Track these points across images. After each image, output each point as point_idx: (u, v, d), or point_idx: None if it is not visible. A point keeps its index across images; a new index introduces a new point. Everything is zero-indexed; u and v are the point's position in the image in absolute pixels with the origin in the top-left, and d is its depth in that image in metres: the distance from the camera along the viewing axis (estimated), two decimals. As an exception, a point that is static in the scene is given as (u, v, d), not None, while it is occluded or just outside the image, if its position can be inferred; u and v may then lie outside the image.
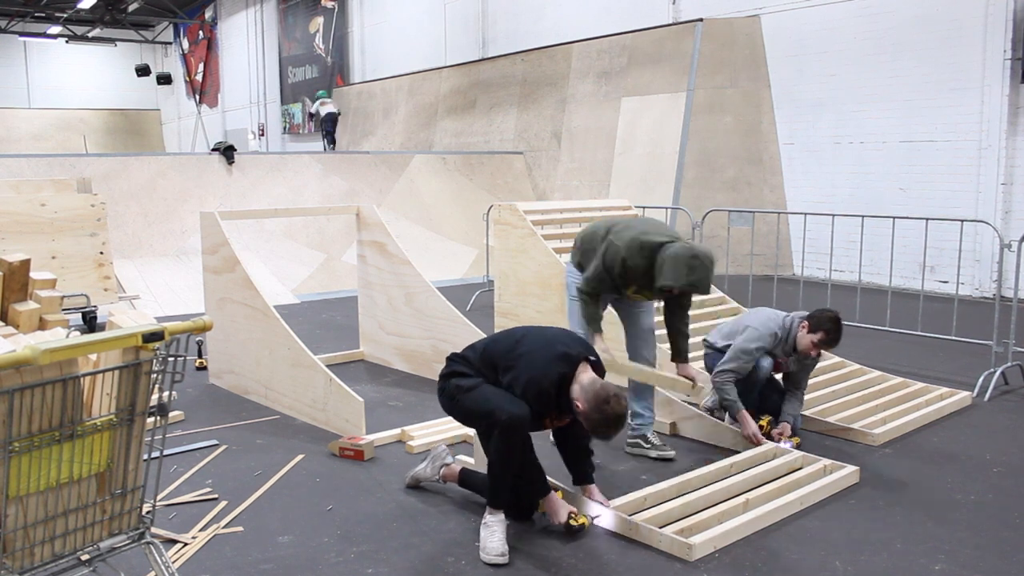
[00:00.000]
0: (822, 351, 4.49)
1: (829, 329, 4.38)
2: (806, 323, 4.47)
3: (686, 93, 11.72)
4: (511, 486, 3.41)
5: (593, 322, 4.17)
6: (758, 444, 4.34)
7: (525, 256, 6.27)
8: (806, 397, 5.13)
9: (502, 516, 3.40)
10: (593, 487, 3.65)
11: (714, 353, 4.78)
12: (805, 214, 8.02)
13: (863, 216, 7.35)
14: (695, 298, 6.31)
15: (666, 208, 10.08)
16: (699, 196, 11.11)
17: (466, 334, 5.38)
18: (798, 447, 4.37)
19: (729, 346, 4.60)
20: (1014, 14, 8.89)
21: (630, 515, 3.48)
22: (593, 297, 4.16)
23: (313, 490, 3.98)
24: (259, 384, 5.34)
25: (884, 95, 10.04)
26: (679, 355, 4.34)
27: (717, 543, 3.34)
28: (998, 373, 5.62)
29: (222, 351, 5.69)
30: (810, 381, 5.44)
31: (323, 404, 4.83)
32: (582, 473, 3.66)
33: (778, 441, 4.40)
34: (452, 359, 3.65)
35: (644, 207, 7.80)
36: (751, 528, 3.48)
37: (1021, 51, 8.85)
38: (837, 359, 5.89)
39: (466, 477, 3.79)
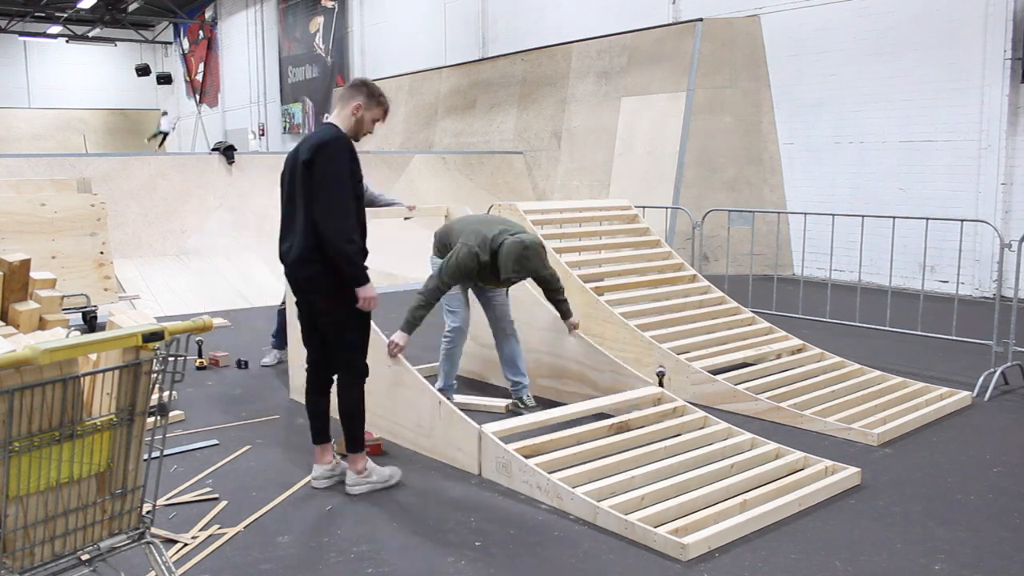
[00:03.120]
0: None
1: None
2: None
3: (686, 93, 11.72)
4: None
5: (414, 323, 4.64)
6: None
7: (525, 256, 6.26)
8: (806, 397, 5.16)
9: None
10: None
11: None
12: (805, 214, 8.01)
13: (863, 216, 7.34)
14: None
15: (666, 208, 10.08)
16: (699, 196, 11.11)
17: (576, 349, 5.22)
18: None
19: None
20: (1014, 14, 8.88)
21: (626, 514, 3.48)
22: (432, 303, 4.72)
23: (313, 490, 3.98)
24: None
25: (884, 95, 10.04)
26: (565, 316, 5.17)
27: (712, 543, 3.34)
28: (998, 373, 5.62)
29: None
30: (809, 381, 5.47)
31: (429, 429, 4.37)
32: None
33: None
34: None
35: (644, 207, 7.79)
36: (747, 528, 3.48)
37: (1021, 51, 8.85)
38: (837, 359, 5.89)
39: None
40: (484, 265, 4.75)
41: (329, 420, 4.05)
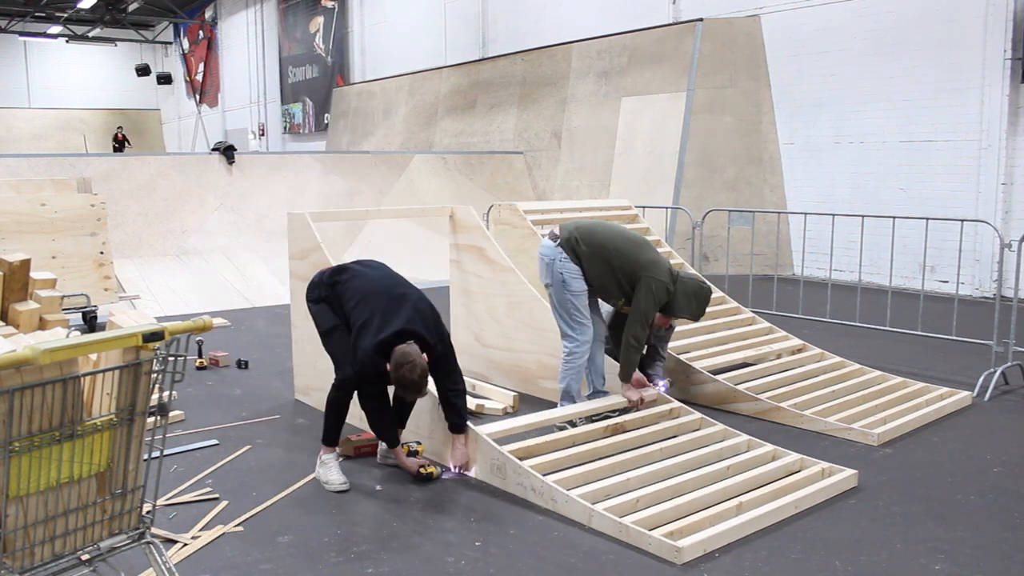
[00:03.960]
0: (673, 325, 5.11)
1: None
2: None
3: (686, 93, 11.72)
4: (338, 428, 4.11)
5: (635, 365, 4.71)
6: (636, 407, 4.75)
7: (525, 256, 6.26)
8: (806, 397, 5.17)
9: (335, 453, 4.10)
10: (459, 437, 4.13)
11: None
12: (805, 214, 8.01)
13: (863, 216, 7.34)
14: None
15: (666, 208, 10.08)
16: (699, 196, 11.11)
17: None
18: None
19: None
20: (1014, 14, 8.88)
21: (621, 517, 3.47)
22: (643, 344, 4.68)
23: (313, 490, 3.99)
24: (353, 404, 4.37)
25: (884, 95, 10.03)
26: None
27: (707, 546, 3.32)
28: (998, 373, 5.62)
29: (311, 366, 5.16)
30: (809, 381, 5.48)
31: (428, 431, 4.37)
32: (452, 423, 4.14)
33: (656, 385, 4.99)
34: (319, 283, 4.23)
35: (644, 207, 7.78)
36: (742, 532, 3.46)
37: (1021, 51, 8.85)
38: (837, 359, 5.89)
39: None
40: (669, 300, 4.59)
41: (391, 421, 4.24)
